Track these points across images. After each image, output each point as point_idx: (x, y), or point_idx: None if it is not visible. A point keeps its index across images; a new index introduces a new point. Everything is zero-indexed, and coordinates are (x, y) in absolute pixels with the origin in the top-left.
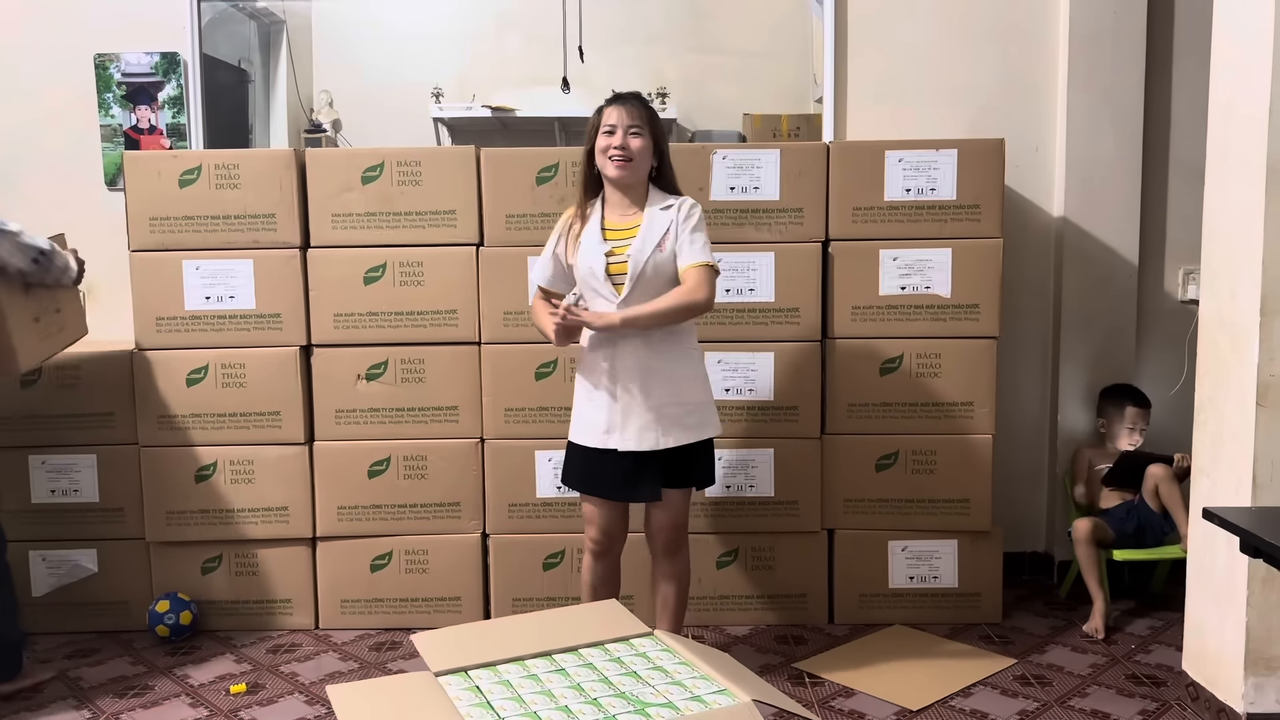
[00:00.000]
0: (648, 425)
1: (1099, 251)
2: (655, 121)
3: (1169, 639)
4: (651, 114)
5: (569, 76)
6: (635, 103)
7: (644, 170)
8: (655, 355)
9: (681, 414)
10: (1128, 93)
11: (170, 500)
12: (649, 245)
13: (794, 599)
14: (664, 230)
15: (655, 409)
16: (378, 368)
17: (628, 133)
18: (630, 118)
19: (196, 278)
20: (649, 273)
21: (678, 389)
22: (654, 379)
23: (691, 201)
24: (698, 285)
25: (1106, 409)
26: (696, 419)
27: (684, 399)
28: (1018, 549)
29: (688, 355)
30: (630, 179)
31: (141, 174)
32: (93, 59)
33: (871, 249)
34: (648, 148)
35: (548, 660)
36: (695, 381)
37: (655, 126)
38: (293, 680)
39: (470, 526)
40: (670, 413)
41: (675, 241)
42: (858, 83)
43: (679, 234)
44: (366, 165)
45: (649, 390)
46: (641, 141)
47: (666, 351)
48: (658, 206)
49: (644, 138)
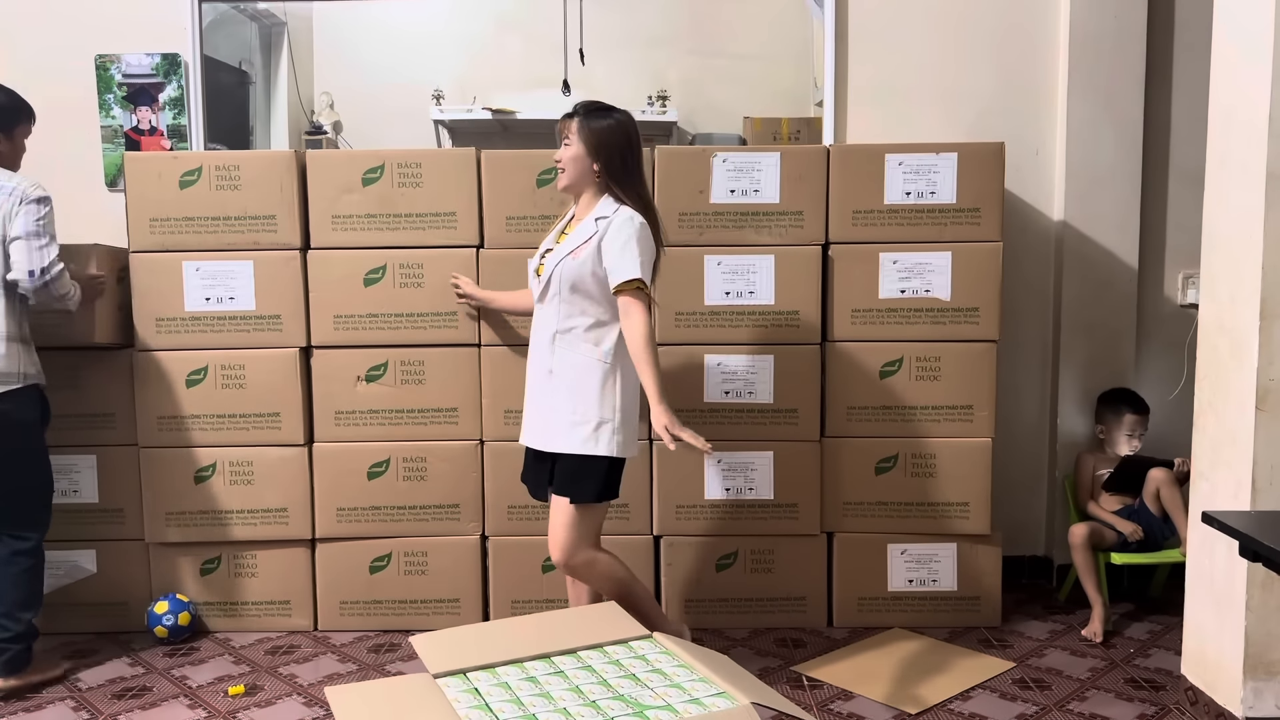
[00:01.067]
0: (537, 426)
1: (1099, 255)
2: (591, 128)
3: (1168, 643)
4: (584, 123)
5: (569, 79)
6: (573, 114)
7: (577, 177)
8: (558, 361)
9: (571, 424)
10: (1128, 97)
11: (169, 501)
12: (564, 251)
13: (793, 602)
14: (584, 239)
15: (549, 411)
16: (378, 369)
17: (562, 143)
18: (564, 130)
19: (197, 279)
20: (556, 279)
21: (575, 399)
22: (555, 383)
23: (627, 214)
24: (625, 312)
25: (1105, 415)
26: (585, 432)
27: (579, 410)
28: (1017, 553)
29: (593, 367)
30: (569, 188)
31: (142, 175)
32: (94, 60)
33: (871, 252)
34: (576, 155)
35: (546, 662)
36: (598, 395)
37: (590, 133)
38: (291, 682)
39: (469, 528)
40: (559, 420)
41: (599, 257)
42: (858, 86)
43: (605, 251)
44: (367, 167)
45: (547, 392)
46: (569, 151)
47: (569, 359)
48: (593, 215)
49: (571, 147)
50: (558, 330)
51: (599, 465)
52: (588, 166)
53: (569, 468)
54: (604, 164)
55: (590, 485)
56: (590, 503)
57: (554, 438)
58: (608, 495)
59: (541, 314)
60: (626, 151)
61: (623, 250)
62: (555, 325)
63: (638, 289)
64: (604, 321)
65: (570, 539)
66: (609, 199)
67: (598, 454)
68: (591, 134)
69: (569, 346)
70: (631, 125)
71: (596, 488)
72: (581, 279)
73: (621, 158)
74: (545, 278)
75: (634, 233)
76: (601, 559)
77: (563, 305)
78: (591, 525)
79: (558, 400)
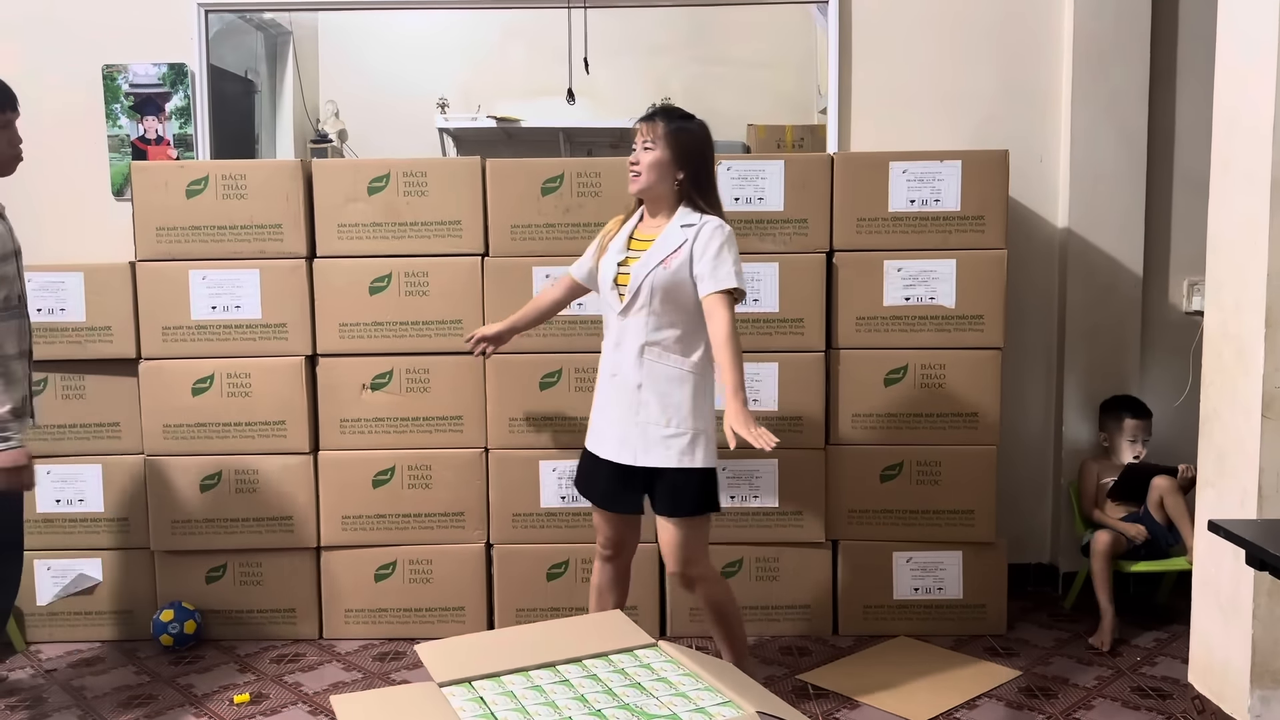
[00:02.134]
0: (628, 440)
1: (1103, 262)
2: (677, 135)
3: (1174, 651)
4: (673, 128)
5: (574, 88)
6: (656, 117)
7: (655, 183)
8: (646, 373)
9: (665, 438)
10: (1131, 104)
11: (175, 510)
12: (652, 261)
13: (798, 610)
14: (673, 249)
15: (641, 425)
16: (383, 377)
17: (642, 147)
18: (645, 133)
19: (203, 287)
20: (645, 289)
21: (667, 411)
22: (645, 395)
23: (716, 223)
24: (709, 312)
25: (1107, 422)
26: (681, 445)
27: (673, 422)
28: (1022, 560)
29: (684, 378)
30: (645, 192)
31: (149, 184)
32: (100, 70)
33: (876, 260)
34: (660, 161)
35: (552, 671)
36: (690, 406)
37: (676, 140)
38: (296, 690)
39: (474, 536)
40: (654, 433)
41: (690, 265)
42: (862, 94)
43: (697, 258)
44: (373, 176)
45: (638, 406)
46: (652, 155)
47: (659, 370)
48: (679, 223)
49: (656, 150)
50: (646, 342)
51: (698, 477)
52: (671, 173)
53: (670, 483)
54: (690, 173)
55: (692, 498)
56: (693, 515)
57: (648, 453)
58: (710, 507)
59: (627, 327)
60: (709, 160)
61: (717, 257)
62: (644, 337)
63: (726, 293)
64: (694, 331)
65: (685, 553)
66: (687, 208)
67: (695, 466)
68: (679, 141)
69: (658, 358)
70: (709, 134)
71: (698, 500)
72: (675, 289)
73: (706, 166)
74: (633, 289)
75: (725, 240)
76: (716, 573)
77: (652, 317)
78: (703, 536)
79: (649, 414)
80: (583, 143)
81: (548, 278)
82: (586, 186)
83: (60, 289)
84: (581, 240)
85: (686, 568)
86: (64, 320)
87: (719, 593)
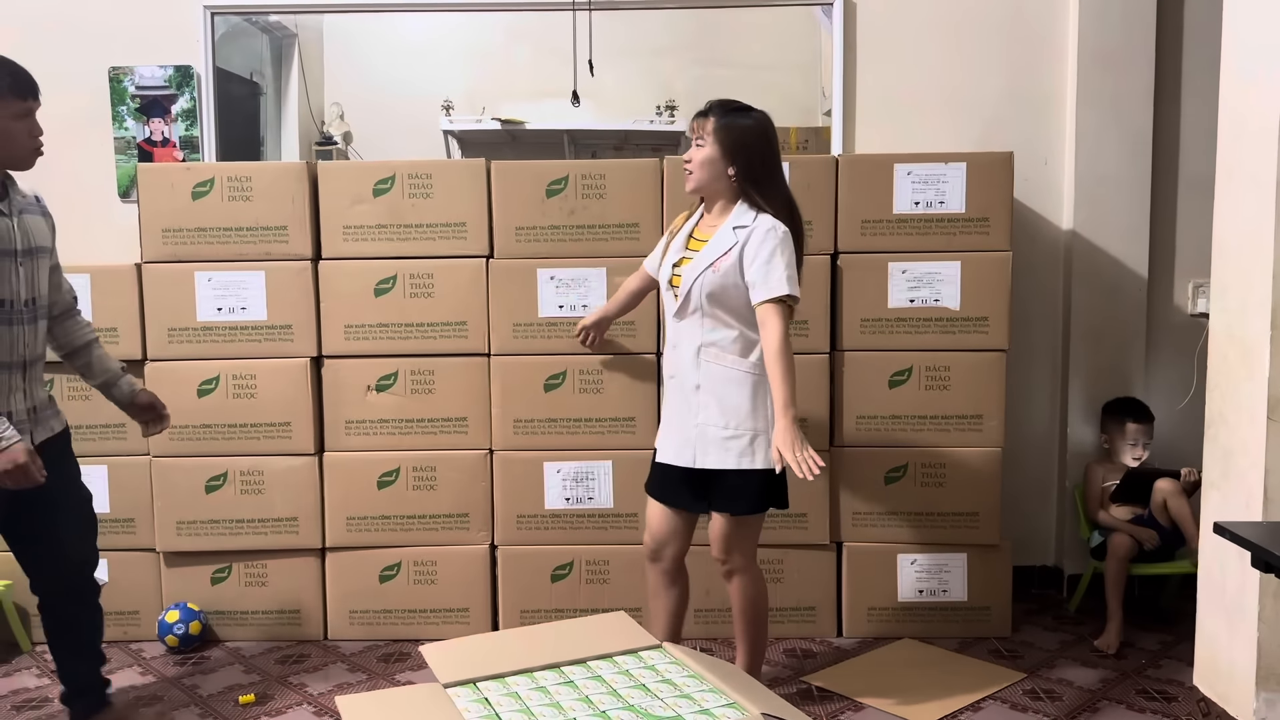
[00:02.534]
0: (687, 441)
1: (1108, 264)
2: (726, 129)
3: (1180, 654)
4: (722, 122)
5: (578, 89)
6: (707, 113)
7: (709, 180)
8: (704, 375)
9: (724, 439)
10: (1137, 106)
11: (180, 510)
12: (703, 264)
13: (803, 612)
14: (723, 251)
15: (700, 427)
16: (388, 379)
17: (694, 144)
18: (697, 129)
19: (209, 289)
20: (696, 292)
21: (726, 413)
22: (704, 397)
23: (769, 225)
24: (762, 321)
25: (1108, 425)
26: (740, 446)
27: (731, 424)
28: (1027, 562)
29: (743, 379)
30: (698, 190)
31: (155, 186)
32: (107, 72)
33: (880, 262)
34: (710, 158)
35: (556, 672)
36: (749, 407)
37: (726, 134)
38: (301, 691)
39: (479, 538)
40: (713, 434)
41: (741, 269)
42: (866, 96)
43: (748, 263)
44: (378, 178)
45: (697, 408)
46: (702, 152)
47: (716, 372)
48: (732, 224)
49: (706, 147)
50: (702, 344)
51: (756, 478)
52: (722, 170)
53: (728, 485)
54: (741, 167)
55: (748, 499)
56: (749, 514)
57: (707, 454)
58: (766, 506)
59: (682, 328)
60: (766, 152)
61: (768, 263)
62: (700, 339)
63: (779, 301)
64: (752, 330)
65: (729, 544)
66: (745, 205)
67: (755, 468)
68: (728, 134)
69: (715, 359)
70: (770, 124)
71: (754, 501)
72: (723, 292)
73: (762, 159)
74: (684, 291)
75: (778, 243)
76: (758, 573)
77: (705, 319)
78: (754, 532)
79: (708, 415)
80: (587, 144)
81: (552, 279)
82: (591, 188)
83: None
84: (586, 242)
85: (728, 559)
86: None
87: (753, 592)
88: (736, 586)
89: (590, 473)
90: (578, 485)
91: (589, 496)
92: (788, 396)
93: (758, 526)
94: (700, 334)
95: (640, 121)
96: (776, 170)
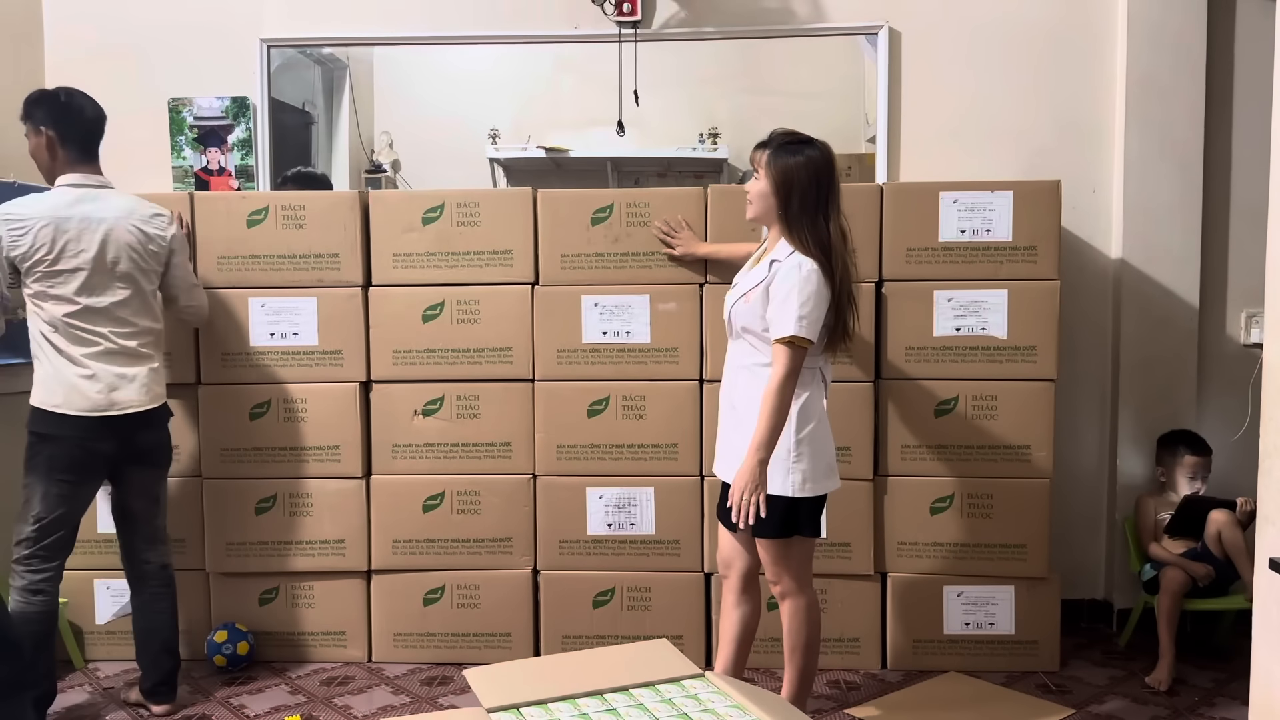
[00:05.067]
0: (727, 459)
1: (1158, 294)
2: (777, 163)
3: (1234, 692)
4: (775, 158)
5: (623, 119)
6: (765, 146)
7: (764, 212)
8: (739, 396)
9: None
10: (1187, 134)
11: (231, 531)
12: (739, 292)
13: (847, 643)
14: (755, 283)
15: (737, 447)
16: (434, 404)
17: (754, 176)
18: (755, 161)
19: (262, 315)
20: (734, 317)
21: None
22: (738, 418)
23: (794, 263)
24: (773, 360)
25: (1164, 457)
26: (770, 469)
27: None
28: (1075, 596)
29: None
30: (757, 221)
31: (211, 214)
32: (167, 103)
33: (926, 289)
34: (763, 191)
35: (599, 699)
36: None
37: (775, 168)
38: (346, 713)
39: (521, 562)
40: (744, 454)
41: (764, 301)
42: (911, 124)
43: (770, 300)
44: (427, 206)
45: (733, 426)
46: (758, 185)
47: (750, 395)
48: (771, 257)
49: (761, 180)
50: (740, 365)
51: (777, 504)
52: (772, 203)
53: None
54: (782, 203)
55: (770, 523)
56: (771, 538)
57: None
58: (790, 532)
59: (730, 348)
60: (809, 189)
61: (783, 302)
62: (739, 361)
63: (789, 342)
64: None
65: (772, 570)
66: (785, 240)
67: (775, 493)
68: (776, 171)
69: (750, 384)
70: (823, 161)
71: (776, 526)
72: (751, 323)
73: (802, 198)
74: (726, 315)
75: (796, 283)
76: (809, 600)
77: (743, 344)
78: (794, 556)
79: (739, 436)
80: (630, 172)
81: (596, 306)
82: (635, 216)
83: None
84: (630, 269)
85: (777, 582)
86: None
87: (800, 621)
88: (784, 611)
89: (632, 499)
90: (619, 511)
91: (631, 523)
92: (763, 438)
93: (803, 552)
94: (740, 356)
95: (683, 149)
96: (820, 208)
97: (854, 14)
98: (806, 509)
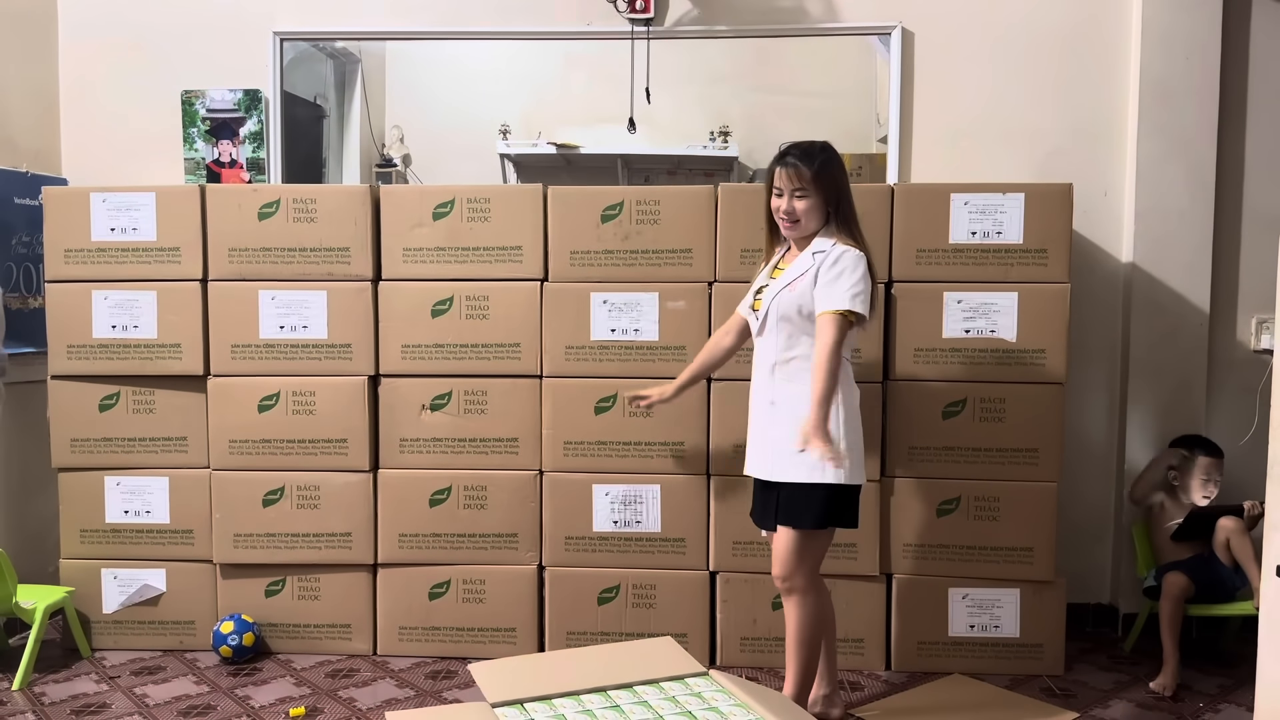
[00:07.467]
0: (763, 455)
1: (1168, 298)
2: (822, 176)
3: (1239, 699)
4: (818, 171)
5: (634, 116)
6: (801, 164)
7: (813, 225)
8: (778, 391)
9: (794, 453)
10: (1200, 139)
11: (238, 523)
12: (781, 284)
13: (851, 644)
14: (800, 272)
15: (775, 441)
16: (442, 398)
17: (793, 196)
18: (795, 181)
19: (272, 307)
20: (773, 311)
21: (797, 428)
22: (777, 413)
23: (843, 249)
24: (819, 332)
25: (1177, 460)
26: (809, 460)
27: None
28: (1081, 600)
29: None
30: (804, 235)
31: (222, 207)
32: (180, 95)
33: (935, 291)
34: (814, 206)
35: (603, 696)
36: None
37: (824, 180)
38: (350, 706)
39: (527, 558)
40: (786, 448)
41: (813, 286)
42: (923, 125)
43: (819, 280)
44: (438, 201)
45: (772, 422)
46: (807, 202)
47: (789, 390)
48: (811, 250)
49: (810, 198)
50: (777, 361)
51: (820, 493)
52: (824, 214)
53: (791, 496)
54: (836, 207)
55: (811, 513)
56: (810, 529)
57: (779, 467)
58: (830, 523)
59: (761, 346)
60: (846, 189)
61: (835, 281)
62: (775, 357)
63: (838, 314)
64: None
65: (791, 561)
66: (824, 237)
67: (822, 482)
68: (829, 181)
69: (789, 377)
70: (840, 159)
71: (816, 516)
72: (795, 310)
73: (849, 196)
74: (763, 311)
75: (849, 265)
76: (819, 592)
77: (779, 337)
78: (814, 551)
79: (780, 430)
80: (640, 169)
81: (605, 303)
82: (645, 214)
83: (134, 306)
84: (639, 267)
85: (785, 576)
86: (136, 337)
87: (806, 615)
88: (793, 606)
89: (639, 496)
90: (626, 508)
91: (636, 520)
92: (823, 392)
93: (822, 546)
94: (775, 351)
95: (694, 147)
96: (853, 204)
97: (867, 14)
98: (848, 499)
